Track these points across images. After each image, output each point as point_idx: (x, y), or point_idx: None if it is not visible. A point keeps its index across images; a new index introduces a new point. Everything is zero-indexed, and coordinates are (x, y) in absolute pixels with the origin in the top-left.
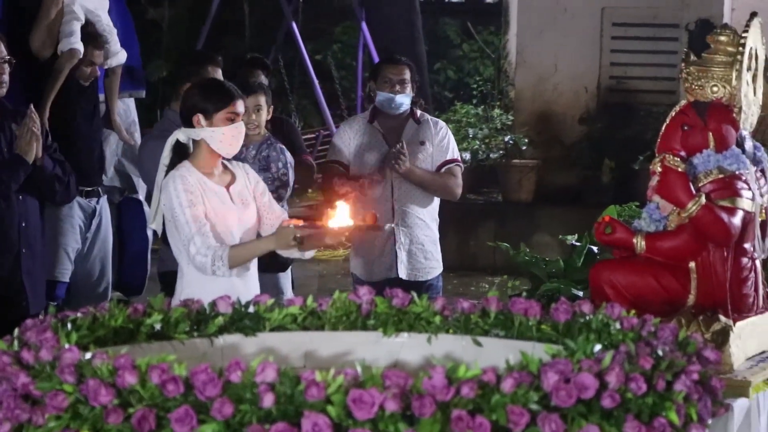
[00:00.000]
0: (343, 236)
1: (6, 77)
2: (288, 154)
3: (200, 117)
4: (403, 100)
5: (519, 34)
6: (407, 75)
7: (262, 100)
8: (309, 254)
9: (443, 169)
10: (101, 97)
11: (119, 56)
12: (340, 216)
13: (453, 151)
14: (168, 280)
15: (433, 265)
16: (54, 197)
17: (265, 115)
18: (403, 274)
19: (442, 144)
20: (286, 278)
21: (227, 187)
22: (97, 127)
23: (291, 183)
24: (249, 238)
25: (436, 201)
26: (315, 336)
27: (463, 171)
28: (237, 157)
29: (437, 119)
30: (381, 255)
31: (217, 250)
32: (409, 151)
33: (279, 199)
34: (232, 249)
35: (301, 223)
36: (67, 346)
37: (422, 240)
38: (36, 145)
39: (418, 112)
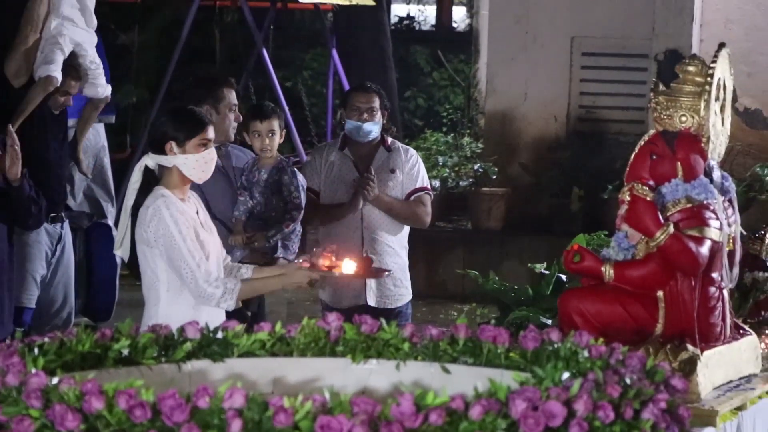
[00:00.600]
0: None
1: None
2: (300, 177)
3: (173, 144)
4: (371, 128)
5: (489, 62)
6: (376, 103)
7: (276, 124)
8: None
9: (413, 197)
10: (71, 122)
11: (105, 90)
12: (348, 262)
13: (423, 179)
14: None
15: (402, 293)
16: (28, 220)
17: (278, 139)
18: (371, 301)
19: (412, 172)
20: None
21: (196, 213)
22: (65, 152)
23: (303, 205)
24: (219, 265)
25: (406, 229)
26: (283, 362)
27: (432, 199)
28: (249, 180)
29: (408, 147)
30: (349, 282)
31: (228, 284)
32: (378, 178)
33: (292, 220)
34: (244, 284)
35: (307, 265)
36: (33, 370)
37: (391, 267)
38: (16, 166)
39: (389, 140)
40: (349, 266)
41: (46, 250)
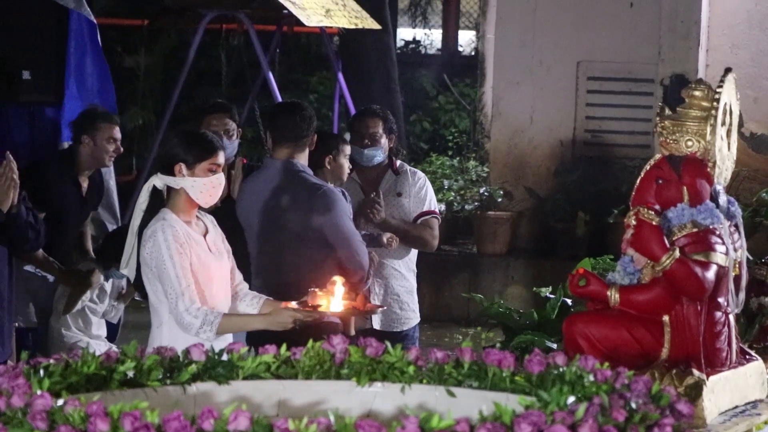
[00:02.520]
0: (338, 318)
1: None
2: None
3: (182, 166)
4: (374, 154)
5: (495, 86)
6: (379, 128)
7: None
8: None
9: (419, 221)
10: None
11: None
12: (336, 300)
13: (430, 203)
14: None
15: (409, 316)
16: (26, 245)
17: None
18: (377, 324)
19: (419, 195)
20: None
21: (204, 236)
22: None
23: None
24: (226, 290)
25: (413, 252)
26: (288, 385)
27: (440, 222)
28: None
29: (416, 170)
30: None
31: (209, 315)
32: (385, 202)
33: None
34: (224, 318)
35: (294, 305)
36: (39, 392)
37: (397, 291)
38: (12, 193)
39: (398, 163)
40: (336, 305)
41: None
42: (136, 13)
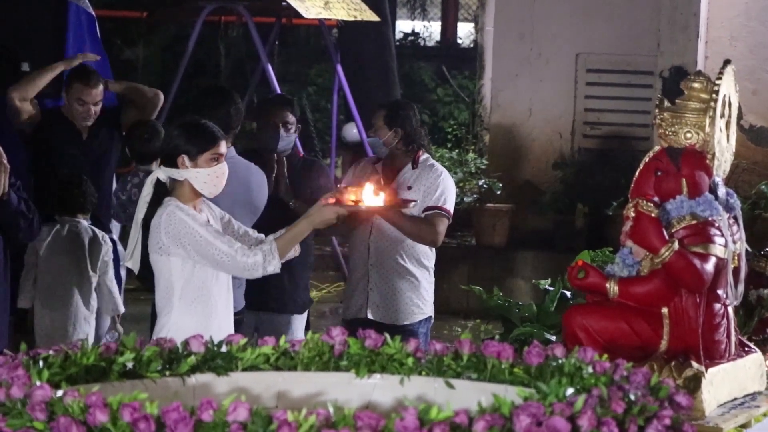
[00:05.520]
0: (375, 214)
1: None
2: None
3: (185, 158)
4: (373, 143)
5: (494, 78)
6: (379, 119)
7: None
8: (297, 250)
9: (424, 215)
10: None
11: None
12: (372, 196)
13: (439, 199)
14: None
15: (412, 310)
16: (17, 234)
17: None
18: (371, 314)
19: (429, 190)
20: (300, 320)
21: (206, 221)
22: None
23: None
24: (227, 278)
25: (422, 246)
26: (287, 376)
27: (450, 222)
28: None
29: (437, 166)
30: (354, 293)
31: (264, 246)
32: (398, 194)
33: None
34: (278, 241)
35: (333, 201)
36: (38, 383)
37: (398, 283)
38: (2, 180)
39: (422, 157)
40: (373, 200)
41: None
42: (134, 6)
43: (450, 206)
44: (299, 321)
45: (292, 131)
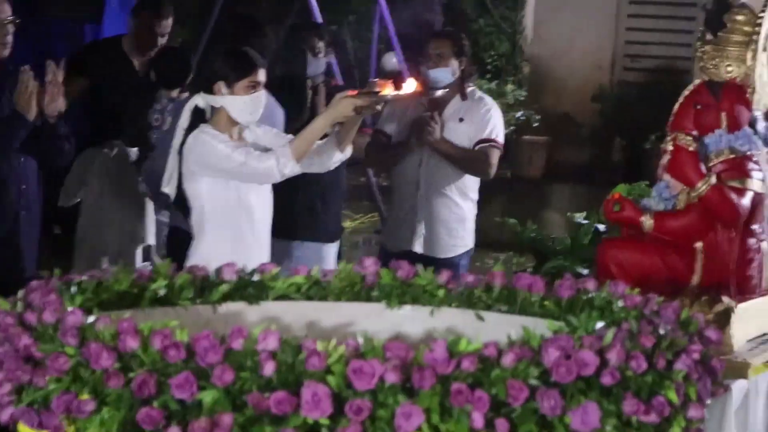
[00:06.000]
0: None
1: (10, 38)
2: None
3: (221, 84)
4: (437, 75)
5: (536, 10)
6: (446, 48)
7: None
8: (348, 152)
9: (476, 147)
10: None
11: None
12: (391, 86)
13: (492, 131)
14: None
15: (456, 243)
16: (59, 157)
17: None
18: (418, 248)
19: (482, 122)
20: (331, 249)
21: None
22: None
23: None
24: (266, 198)
25: (471, 178)
26: (318, 306)
27: (501, 152)
28: None
29: (486, 97)
30: (401, 226)
31: (277, 149)
32: (447, 126)
33: None
34: (294, 141)
35: (356, 92)
36: (70, 308)
37: (446, 216)
38: (56, 100)
39: (470, 88)
40: (394, 86)
41: None
42: None
43: (501, 138)
44: (330, 250)
45: (321, 56)
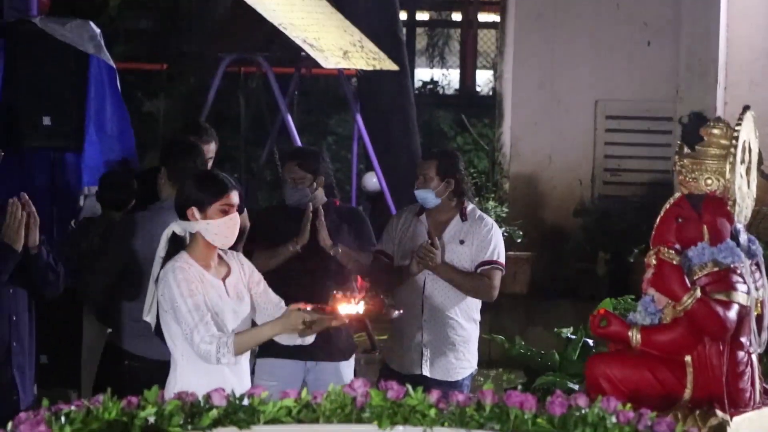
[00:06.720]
0: (348, 320)
1: None
2: None
3: (194, 210)
4: (423, 195)
5: (513, 126)
6: (431, 170)
7: None
8: (309, 339)
9: (479, 270)
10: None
11: None
12: (350, 303)
13: (494, 253)
14: None
15: (464, 366)
16: (46, 287)
17: None
18: (427, 371)
19: (483, 243)
20: (348, 367)
21: (223, 279)
22: None
23: None
24: (242, 329)
25: (475, 300)
26: (310, 429)
27: (503, 273)
28: None
29: (486, 217)
30: (408, 350)
31: (222, 338)
32: (448, 249)
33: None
34: (237, 336)
35: (309, 307)
36: None
37: (453, 340)
38: (31, 234)
39: (469, 207)
40: (346, 307)
41: None
42: (155, 58)
43: (503, 258)
44: (347, 367)
45: (301, 185)
